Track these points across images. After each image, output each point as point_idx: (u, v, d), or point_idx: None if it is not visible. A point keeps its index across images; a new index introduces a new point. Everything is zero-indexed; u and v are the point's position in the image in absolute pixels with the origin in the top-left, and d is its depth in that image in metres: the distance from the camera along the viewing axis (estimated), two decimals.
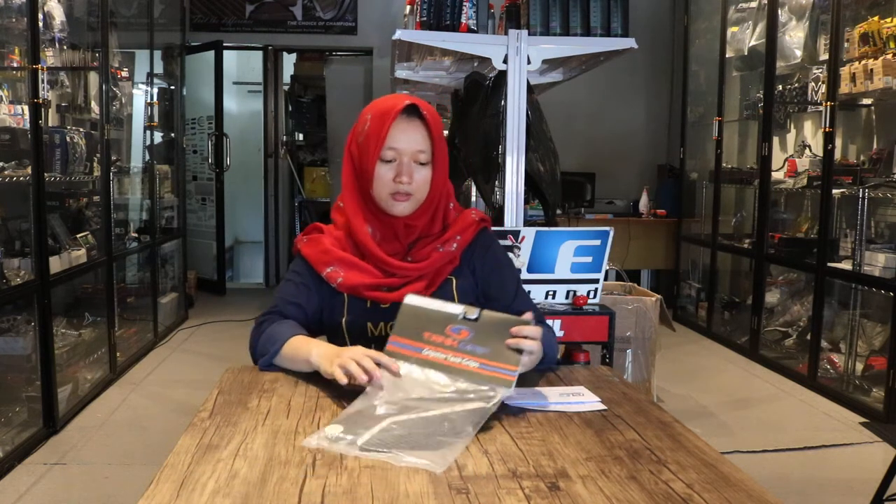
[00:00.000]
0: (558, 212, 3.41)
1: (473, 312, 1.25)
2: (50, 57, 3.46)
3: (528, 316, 1.29)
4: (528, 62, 2.52)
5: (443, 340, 1.21)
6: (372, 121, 1.48)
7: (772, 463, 3.08)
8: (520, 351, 1.23)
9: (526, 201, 2.63)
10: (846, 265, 3.89)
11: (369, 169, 1.47)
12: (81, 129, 3.77)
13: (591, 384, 1.40)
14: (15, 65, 3.18)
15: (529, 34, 2.53)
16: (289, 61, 7.60)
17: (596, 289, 2.51)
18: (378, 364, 1.23)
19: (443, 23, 2.54)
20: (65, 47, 3.63)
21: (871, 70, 3.57)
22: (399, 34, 2.52)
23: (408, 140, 1.47)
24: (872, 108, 4.11)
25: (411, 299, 1.30)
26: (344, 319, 1.51)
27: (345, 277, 1.50)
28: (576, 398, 1.30)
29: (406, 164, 1.47)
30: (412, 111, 1.47)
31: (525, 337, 1.25)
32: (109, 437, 3.23)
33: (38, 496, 2.65)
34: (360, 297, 1.51)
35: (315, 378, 1.40)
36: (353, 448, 1.04)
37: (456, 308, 1.26)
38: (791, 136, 4.88)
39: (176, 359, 4.54)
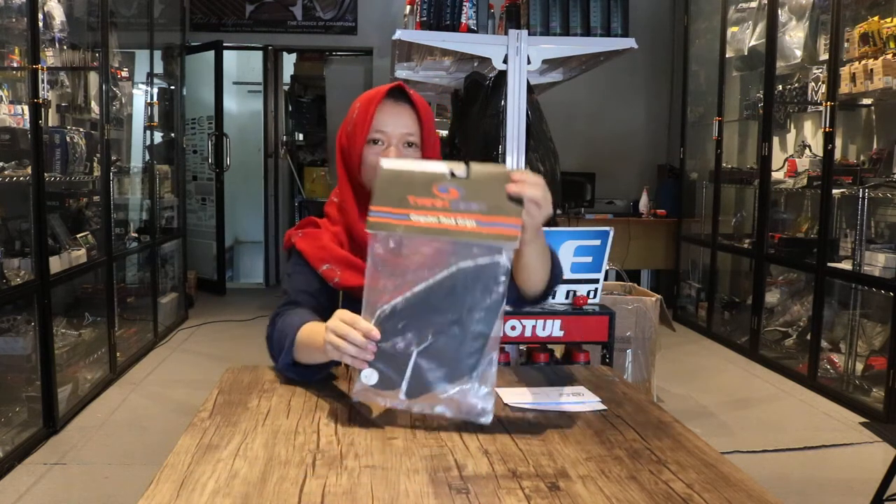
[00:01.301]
0: (558, 212, 3.41)
1: (461, 168, 1.11)
2: (50, 57, 3.45)
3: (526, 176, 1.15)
4: (528, 62, 2.53)
5: (431, 203, 1.08)
6: (359, 109, 1.47)
7: (772, 463, 3.08)
8: (521, 202, 1.10)
9: None
10: (846, 265, 3.89)
11: (357, 154, 1.46)
12: (81, 129, 3.77)
13: (591, 384, 1.40)
14: (15, 65, 3.18)
15: (529, 34, 2.53)
16: (289, 61, 7.60)
17: (596, 289, 2.51)
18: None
19: (443, 23, 2.54)
20: (65, 47, 3.63)
21: (871, 70, 3.57)
22: (399, 34, 2.52)
23: (395, 123, 1.45)
24: (872, 108, 4.11)
25: (388, 163, 1.14)
26: None
27: (341, 277, 1.47)
28: (576, 398, 1.30)
29: (395, 147, 1.45)
30: (399, 95, 1.46)
31: (527, 184, 1.11)
32: (109, 437, 3.23)
33: (38, 496, 2.65)
34: (357, 297, 1.50)
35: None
36: (398, 401, 1.11)
37: (440, 166, 1.11)
38: (791, 136, 4.88)
39: (176, 359, 4.54)
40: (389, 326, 1.11)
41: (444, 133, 4.01)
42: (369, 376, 1.12)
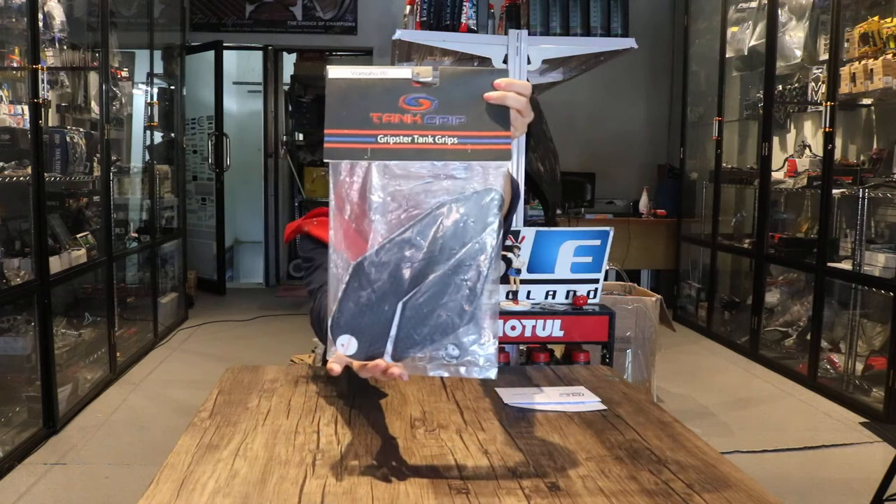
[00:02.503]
0: (558, 212, 3.41)
1: (428, 73, 0.93)
2: (50, 57, 3.46)
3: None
4: (528, 62, 2.53)
5: (400, 119, 0.91)
6: None
7: (772, 463, 3.08)
8: (504, 110, 0.93)
9: (526, 201, 2.63)
10: (846, 265, 3.89)
11: None
12: (81, 129, 3.77)
13: (591, 384, 1.40)
14: (15, 65, 3.18)
15: (529, 34, 2.53)
16: (289, 61, 7.60)
17: (596, 289, 2.51)
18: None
19: (443, 23, 2.54)
20: (65, 47, 3.63)
21: (871, 70, 3.57)
22: (399, 34, 2.52)
23: None
24: (872, 108, 4.11)
25: (336, 72, 0.93)
26: None
27: None
28: (576, 398, 1.30)
29: None
30: None
31: (510, 91, 0.93)
32: (109, 437, 3.23)
33: (38, 496, 2.65)
34: None
35: (315, 378, 1.40)
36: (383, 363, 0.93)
37: (403, 71, 0.94)
38: (791, 136, 4.88)
39: (176, 359, 4.54)
40: (366, 280, 0.93)
41: None
42: (347, 345, 0.93)
